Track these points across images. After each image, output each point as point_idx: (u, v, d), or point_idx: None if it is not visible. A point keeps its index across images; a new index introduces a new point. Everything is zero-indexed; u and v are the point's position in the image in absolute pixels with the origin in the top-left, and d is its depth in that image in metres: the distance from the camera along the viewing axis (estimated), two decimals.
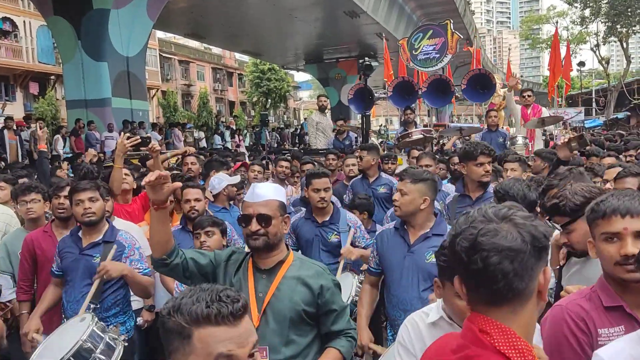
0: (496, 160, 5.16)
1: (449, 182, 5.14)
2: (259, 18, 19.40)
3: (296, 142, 21.36)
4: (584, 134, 4.01)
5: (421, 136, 6.79)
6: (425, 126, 9.68)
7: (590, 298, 1.60)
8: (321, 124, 8.88)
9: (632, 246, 1.53)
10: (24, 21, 23.11)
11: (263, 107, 36.87)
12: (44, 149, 5.12)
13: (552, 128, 7.70)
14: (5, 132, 11.77)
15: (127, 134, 4.29)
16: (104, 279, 2.72)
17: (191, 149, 5.82)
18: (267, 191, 2.05)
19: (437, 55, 9.25)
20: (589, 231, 1.90)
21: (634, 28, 31.38)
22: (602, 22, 32.53)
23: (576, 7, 33.62)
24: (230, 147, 18.13)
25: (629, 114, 28.38)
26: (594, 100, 31.86)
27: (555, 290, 2.04)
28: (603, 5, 31.08)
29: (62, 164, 8.04)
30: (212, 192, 4.13)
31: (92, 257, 2.81)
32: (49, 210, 3.46)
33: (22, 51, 22.93)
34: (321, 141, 8.76)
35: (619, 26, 30.98)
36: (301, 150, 9.97)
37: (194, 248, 3.06)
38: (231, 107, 38.66)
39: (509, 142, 6.86)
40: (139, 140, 3.85)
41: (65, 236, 2.98)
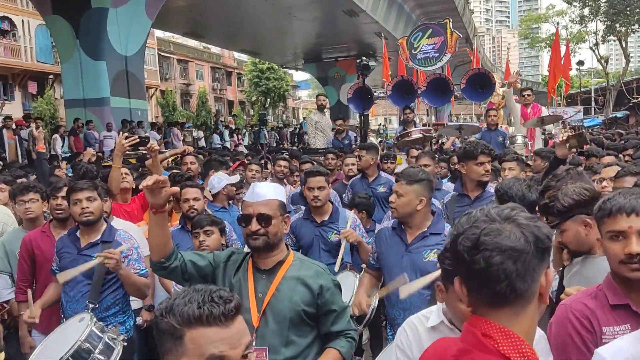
0: (496, 159, 5.17)
1: (449, 181, 5.14)
2: (258, 17, 19.38)
3: (295, 142, 21.35)
4: (584, 131, 3.99)
5: (420, 135, 6.78)
6: (425, 125, 9.66)
7: (597, 296, 1.60)
8: (320, 123, 8.87)
9: (636, 245, 1.53)
10: (23, 20, 23.07)
11: (262, 106, 36.86)
12: (42, 150, 5.10)
13: (552, 127, 7.69)
14: (4, 131, 11.76)
15: (125, 133, 4.27)
16: (102, 270, 2.72)
17: (190, 148, 5.81)
18: (267, 190, 2.03)
19: (437, 54, 9.24)
20: (579, 232, 1.92)
21: (633, 27, 31.42)
22: (601, 21, 32.56)
23: (575, 6, 33.66)
24: (229, 147, 18.12)
25: (628, 113, 28.38)
26: (593, 99, 31.87)
27: (557, 292, 2.03)
28: (602, 4, 31.11)
29: (61, 163, 8.03)
30: (212, 192, 4.12)
31: (90, 258, 2.79)
32: (47, 210, 3.45)
33: (21, 50, 22.88)
34: (320, 140, 8.75)
35: (618, 25, 31.01)
36: (300, 150, 9.97)
37: (192, 247, 3.06)
38: (230, 107, 38.64)
39: (508, 142, 6.85)
40: (138, 140, 3.84)
41: (63, 236, 2.97)
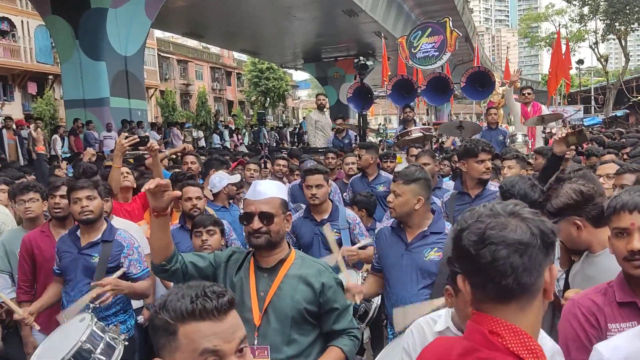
0: (497, 157, 5.17)
1: (451, 179, 5.14)
2: (258, 17, 19.38)
3: (295, 141, 21.35)
4: (584, 128, 3.97)
5: (420, 134, 6.78)
6: (425, 124, 9.66)
7: (606, 293, 1.61)
8: (320, 122, 8.87)
9: (638, 241, 1.53)
10: (22, 21, 23.06)
11: (261, 106, 36.85)
12: (42, 151, 5.09)
13: (554, 125, 7.67)
14: (4, 132, 11.75)
15: (125, 133, 4.27)
16: (103, 270, 2.72)
17: (189, 146, 5.81)
18: (269, 189, 2.03)
19: (437, 53, 9.22)
20: (571, 232, 1.93)
21: (632, 26, 31.42)
22: (600, 20, 32.56)
23: (575, 5, 33.66)
24: (229, 147, 18.12)
25: (627, 111, 28.39)
26: (592, 98, 31.87)
27: (564, 291, 2.03)
28: (601, 3, 31.12)
29: (61, 164, 8.02)
30: (213, 191, 4.12)
31: (90, 257, 2.80)
32: (47, 210, 3.44)
33: (20, 51, 22.88)
34: (320, 140, 8.75)
35: (617, 24, 31.02)
36: (300, 149, 9.96)
37: (192, 246, 3.05)
38: (230, 107, 38.63)
39: (508, 140, 6.85)
40: (138, 140, 3.83)
41: (63, 235, 2.96)
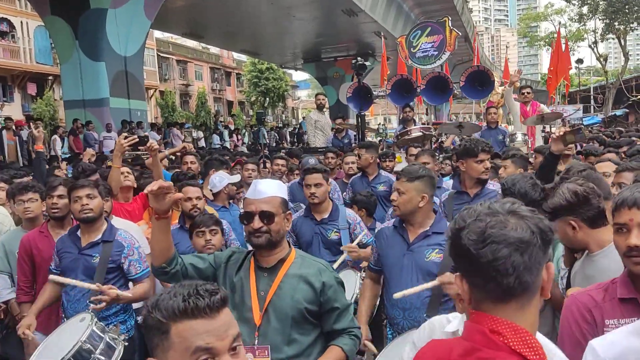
0: (497, 157, 5.16)
1: (451, 178, 5.13)
2: (257, 17, 19.38)
3: (295, 141, 21.36)
4: (582, 127, 3.94)
5: (420, 134, 6.78)
6: (424, 124, 9.65)
7: (607, 289, 1.61)
8: (320, 122, 8.87)
9: (635, 237, 1.54)
10: (22, 22, 23.05)
11: (261, 106, 36.84)
12: (40, 150, 5.09)
13: (557, 123, 7.68)
14: (4, 132, 11.75)
15: (124, 133, 4.27)
16: (103, 270, 2.72)
17: (189, 145, 5.80)
18: (270, 188, 2.02)
19: (436, 53, 9.21)
20: (567, 232, 1.94)
21: (631, 25, 31.44)
22: (600, 20, 32.57)
23: (574, 5, 33.66)
24: (229, 147, 18.13)
25: (627, 111, 28.39)
26: (592, 97, 31.88)
27: (566, 289, 2.04)
28: (601, 3, 31.12)
29: (61, 164, 8.02)
30: (213, 191, 4.12)
31: (91, 257, 2.79)
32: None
33: (20, 52, 22.87)
34: (320, 139, 8.75)
35: (616, 23, 31.03)
36: (300, 149, 9.96)
37: (191, 247, 3.05)
38: (229, 107, 38.63)
39: (508, 140, 6.85)
40: (137, 140, 3.83)
41: (63, 235, 2.96)
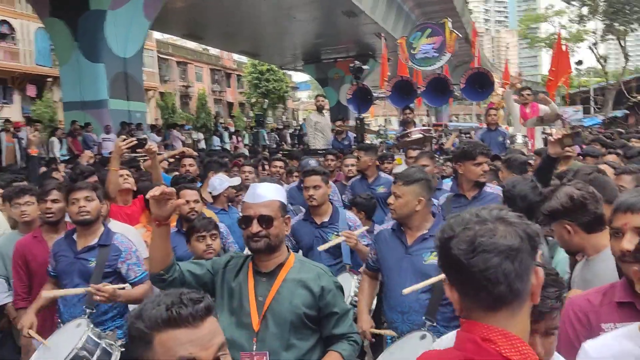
0: (496, 159, 5.14)
1: (452, 180, 5.11)
2: (257, 18, 19.38)
3: (295, 143, 21.35)
4: (580, 130, 3.93)
5: (420, 136, 6.76)
6: (425, 126, 9.65)
7: (606, 292, 1.61)
8: (319, 123, 8.86)
9: (628, 242, 1.54)
10: (22, 24, 23.08)
11: (260, 107, 36.86)
12: (35, 154, 5.07)
13: (557, 125, 7.68)
14: (2, 134, 11.72)
15: (122, 136, 4.25)
16: (99, 274, 2.69)
17: (188, 149, 5.78)
18: (268, 191, 2.00)
19: (436, 54, 9.22)
20: (563, 235, 1.94)
21: (631, 26, 31.45)
22: (599, 20, 32.58)
23: (574, 6, 33.67)
24: (229, 149, 18.13)
25: (627, 112, 28.39)
26: (592, 98, 31.89)
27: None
28: (601, 3, 31.13)
29: (59, 166, 8.00)
30: (213, 193, 4.10)
31: (87, 262, 2.77)
32: None
33: (20, 54, 22.90)
34: (320, 141, 8.73)
35: (616, 24, 31.04)
36: (301, 151, 9.95)
37: (188, 251, 3.02)
38: (230, 108, 38.63)
39: (508, 141, 6.84)
40: (135, 142, 3.81)
41: (60, 238, 2.93)
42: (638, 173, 2.94)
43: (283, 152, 11.70)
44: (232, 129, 22.87)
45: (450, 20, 9.50)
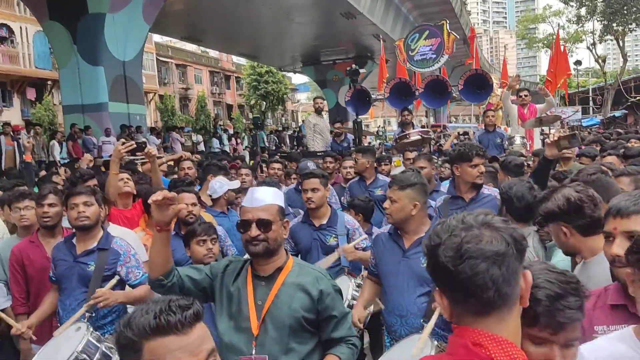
0: (495, 161, 5.15)
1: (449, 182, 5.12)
2: (256, 20, 19.39)
3: (295, 145, 21.35)
4: (577, 132, 3.92)
5: (419, 137, 6.78)
6: (423, 127, 9.66)
7: (600, 295, 1.63)
8: (318, 125, 8.86)
9: (617, 246, 1.55)
10: (21, 27, 23.08)
11: (259, 110, 36.87)
12: (29, 160, 5.07)
13: (556, 125, 7.69)
14: (2, 138, 11.71)
15: (122, 139, 4.25)
16: (98, 278, 2.70)
17: (187, 154, 5.79)
18: (267, 195, 2.01)
19: (434, 56, 9.24)
20: (560, 237, 1.94)
21: (630, 26, 31.50)
22: (598, 21, 32.62)
23: (572, 6, 33.72)
24: (228, 150, 18.15)
25: (626, 112, 28.44)
26: (591, 98, 31.91)
27: None
28: (599, 4, 31.19)
29: (60, 169, 7.99)
30: (213, 196, 4.10)
31: (86, 265, 2.77)
32: None
33: (19, 57, 22.90)
34: (319, 143, 8.73)
35: (615, 24, 31.09)
36: (299, 153, 9.96)
37: (186, 254, 3.02)
38: (229, 110, 38.65)
39: (507, 143, 6.84)
40: (134, 146, 3.81)
41: (59, 242, 2.93)
42: (637, 175, 2.92)
43: (281, 154, 11.70)
44: (231, 131, 22.89)
45: (448, 21, 9.52)
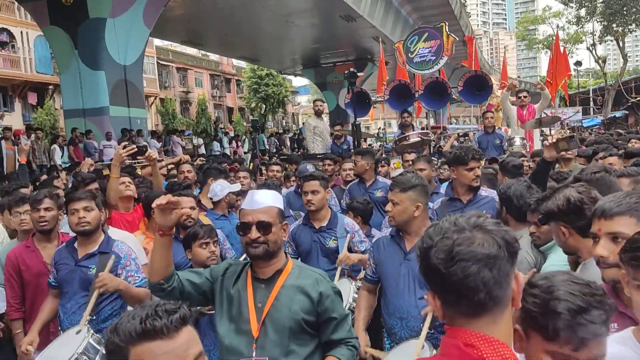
0: (494, 162, 5.16)
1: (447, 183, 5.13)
2: (256, 24, 19.43)
3: (295, 147, 21.37)
4: (575, 134, 3.92)
5: (419, 139, 6.79)
6: (423, 129, 9.67)
7: None
8: (318, 128, 8.86)
9: (601, 247, 1.56)
10: (22, 32, 23.17)
11: (259, 113, 36.90)
12: (23, 162, 5.09)
13: (556, 126, 7.69)
14: (3, 142, 11.75)
15: (123, 143, 4.26)
16: (100, 291, 2.69)
17: (186, 157, 5.80)
18: (266, 198, 2.02)
19: (433, 58, 9.26)
20: (559, 236, 1.96)
21: (629, 27, 31.50)
22: (598, 22, 32.65)
23: (572, 7, 33.75)
24: (229, 153, 18.17)
25: (626, 112, 28.45)
26: (591, 99, 31.91)
27: None
28: (598, 5, 31.20)
29: (61, 174, 8.02)
30: (214, 199, 4.10)
31: (88, 269, 2.78)
32: None
33: (20, 62, 22.98)
34: (319, 145, 8.73)
35: (614, 25, 31.10)
36: (300, 155, 9.97)
37: (185, 258, 3.03)
38: (230, 113, 38.70)
39: (506, 144, 6.84)
40: (135, 149, 3.82)
41: (61, 247, 2.94)
42: (637, 176, 2.91)
43: (281, 157, 11.72)
44: (232, 133, 22.92)
45: (447, 23, 9.54)
